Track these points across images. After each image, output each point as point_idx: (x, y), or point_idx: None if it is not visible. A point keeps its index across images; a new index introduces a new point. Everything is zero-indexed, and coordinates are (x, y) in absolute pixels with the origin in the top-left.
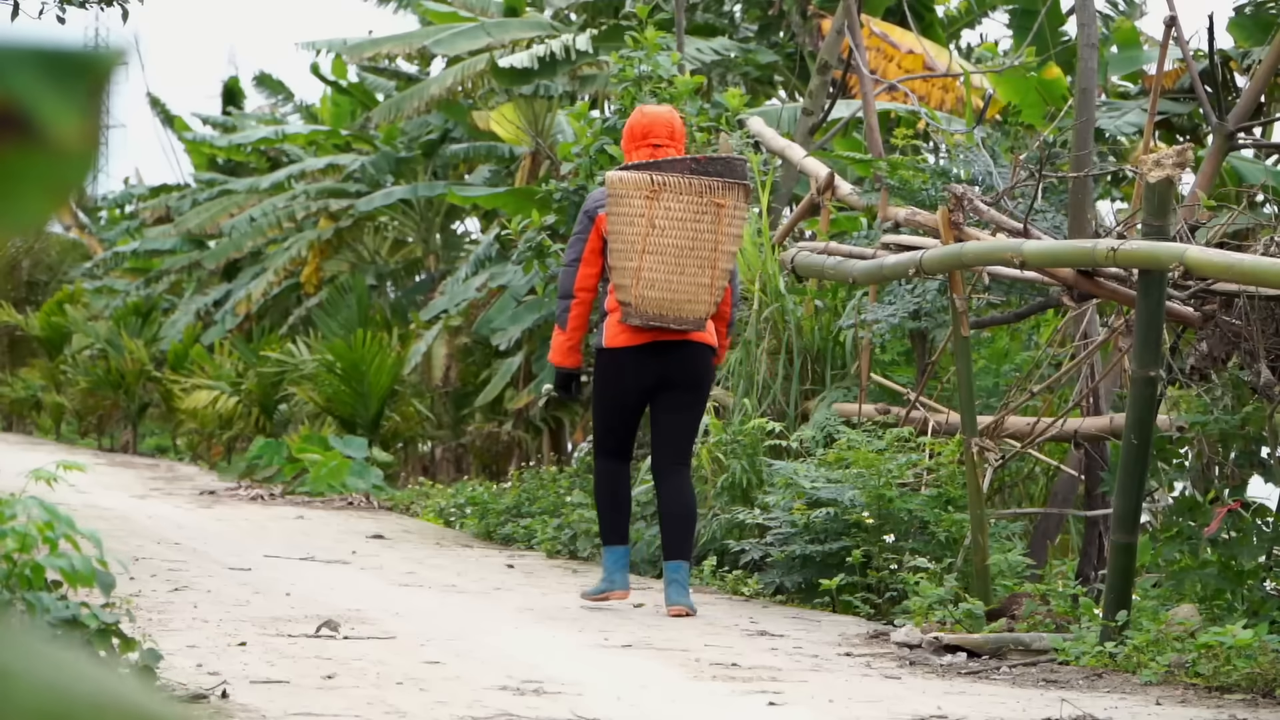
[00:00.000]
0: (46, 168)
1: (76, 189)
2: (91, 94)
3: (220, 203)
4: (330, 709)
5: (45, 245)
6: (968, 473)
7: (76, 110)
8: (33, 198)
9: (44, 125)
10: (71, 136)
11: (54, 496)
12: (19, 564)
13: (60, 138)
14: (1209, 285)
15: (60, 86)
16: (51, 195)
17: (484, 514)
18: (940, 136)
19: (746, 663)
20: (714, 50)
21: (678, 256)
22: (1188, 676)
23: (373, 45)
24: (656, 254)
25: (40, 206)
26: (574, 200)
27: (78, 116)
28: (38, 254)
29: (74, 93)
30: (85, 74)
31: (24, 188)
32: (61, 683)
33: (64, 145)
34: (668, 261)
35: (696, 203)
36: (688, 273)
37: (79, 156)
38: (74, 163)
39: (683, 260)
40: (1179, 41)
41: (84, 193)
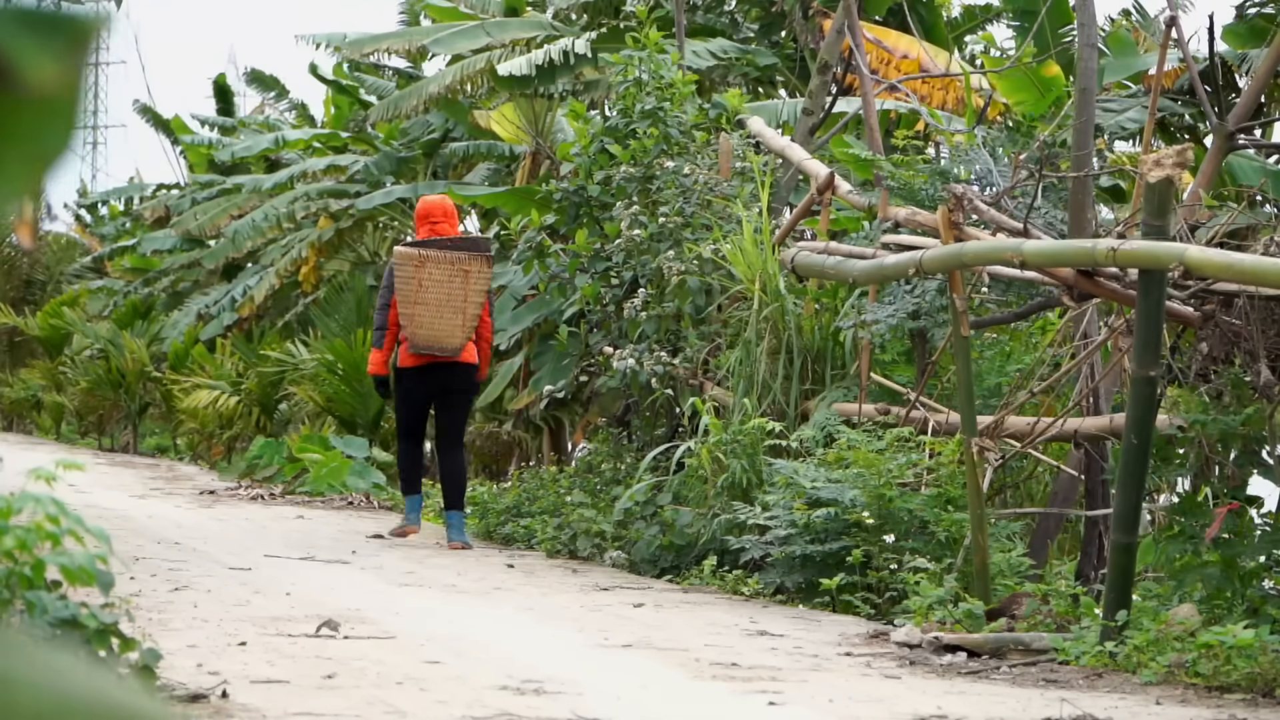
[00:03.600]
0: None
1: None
2: (72, 47)
3: (220, 203)
4: (330, 709)
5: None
6: (968, 473)
7: (55, 59)
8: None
9: (19, 70)
10: (48, 82)
11: (53, 496)
12: (20, 563)
13: (38, 84)
14: (1209, 285)
15: (39, 39)
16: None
17: (484, 514)
18: (941, 136)
19: (746, 663)
20: (714, 51)
21: (439, 306)
22: (1188, 676)
23: (373, 41)
24: (424, 305)
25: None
26: (574, 200)
27: (54, 63)
28: (37, 254)
29: (52, 43)
30: (65, 28)
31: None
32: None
33: (41, 91)
34: (431, 310)
35: (450, 270)
36: (445, 317)
37: (59, 111)
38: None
39: (442, 309)
40: (1179, 42)
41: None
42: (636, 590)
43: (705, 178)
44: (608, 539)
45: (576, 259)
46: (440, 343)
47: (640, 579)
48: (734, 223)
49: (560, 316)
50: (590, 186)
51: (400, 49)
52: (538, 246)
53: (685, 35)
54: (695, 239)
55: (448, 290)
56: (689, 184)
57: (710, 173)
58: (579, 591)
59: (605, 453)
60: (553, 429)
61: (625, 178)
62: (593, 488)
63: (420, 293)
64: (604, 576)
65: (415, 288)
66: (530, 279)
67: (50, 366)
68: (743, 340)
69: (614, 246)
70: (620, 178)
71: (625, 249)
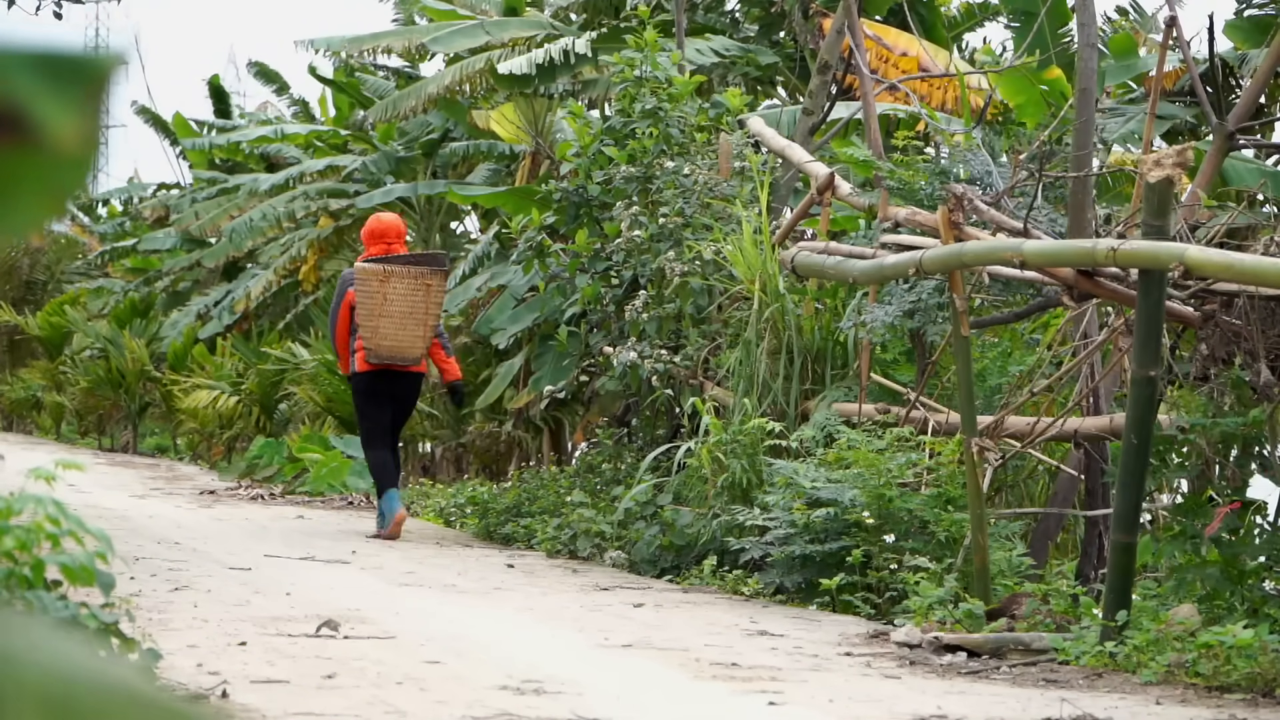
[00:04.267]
0: (44, 170)
1: (74, 192)
2: (90, 96)
3: (219, 203)
4: (330, 709)
5: (44, 245)
6: (968, 472)
7: (74, 112)
8: (30, 200)
9: (41, 126)
10: (69, 138)
11: (53, 496)
12: (19, 563)
13: (58, 139)
14: (1209, 285)
15: (58, 88)
16: (49, 198)
17: (484, 514)
18: (940, 137)
19: (746, 662)
20: (714, 50)
21: (402, 318)
22: (1188, 676)
23: (372, 39)
24: (388, 317)
25: (38, 209)
26: (574, 200)
27: (75, 118)
28: (37, 254)
29: (72, 95)
30: (84, 76)
31: (22, 190)
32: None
33: (62, 147)
34: (395, 322)
35: (413, 284)
36: (408, 329)
37: (77, 159)
38: (72, 166)
39: (405, 321)
40: (1179, 43)
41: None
42: (636, 590)
43: (705, 178)
44: (608, 539)
45: (576, 259)
46: (403, 353)
47: (640, 579)
48: (734, 223)
49: (560, 316)
50: (590, 186)
51: (399, 48)
52: (538, 246)
53: (685, 35)
54: (695, 239)
55: (410, 303)
56: (689, 184)
57: (710, 173)
58: (579, 591)
59: (605, 453)
60: (553, 429)
61: (625, 178)
62: (593, 488)
63: (385, 306)
64: (604, 576)
65: (380, 301)
66: (530, 279)
67: (50, 366)
68: (743, 340)
69: (614, 246)
70: (620, 178)
71: (625, 249)
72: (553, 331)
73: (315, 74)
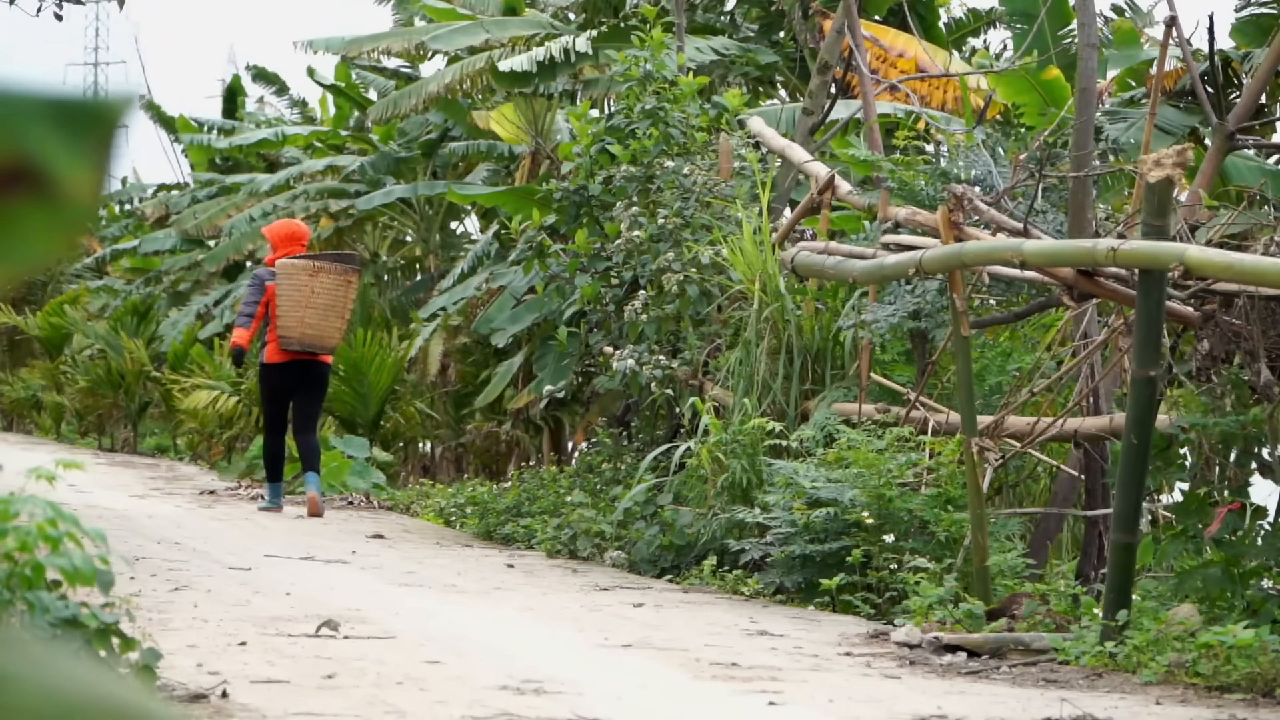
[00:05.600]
0: (53, 218)
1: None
2: (100, 145)
3: (219, 203)
4: (330, 709)
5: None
6: (968, 473)
7: (85, 163)
8: (38, 244)
9: (55, 180)
10: (80, 189)
11: (53, 496)
12: (20, 564)
13: (69, 190)
14: (1209, 285)
15: (70, 140)
16: (57, 242)
17: (484, 514)
18: (941, 137)
19: (746, 662)
20: (714, 50)
21: (325, 310)
22: (1188, 676)
23: (372, 40)
24: (313, 308)
25: (44, 252)
26: (574, 200)
27: (88, 170)
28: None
29: (83, 145)
30: (94, 125)
31: (31, 236)
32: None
33: (72, 197)
34: (319, 313)
35: (338, 279)
36: (329, 320)
37: (85, 207)
38: (80, 213)
39: (327, 312)
40: (1179, 42)
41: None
42: (636, 590)
43: (705, 178)
44: (608, 539)
45: (576, 259)
46: (322, 342)
47: (640, 579)
48: (734, 223)
49: (560, 317)
50: (592, 186)
51: (399, 48)
52: (538, 246)
53: (685, 34)
54: (695, 239)
55: (334, 296)
56: (689, 184)
57: (710, 173)
58: (579, 591)
59: (605, 453)
60: (553, 429)
61: (625, 178)
62: (593, 488)
63: (312, 298)
64: (604, 576)
65: (308, 294)
66: (530, 279)
67: (50, 366)
68: (743, 340)
69: (614, 247)
70: (620, 178)
71: (625, 249)
72: (552, 331)
73: (314, 77)
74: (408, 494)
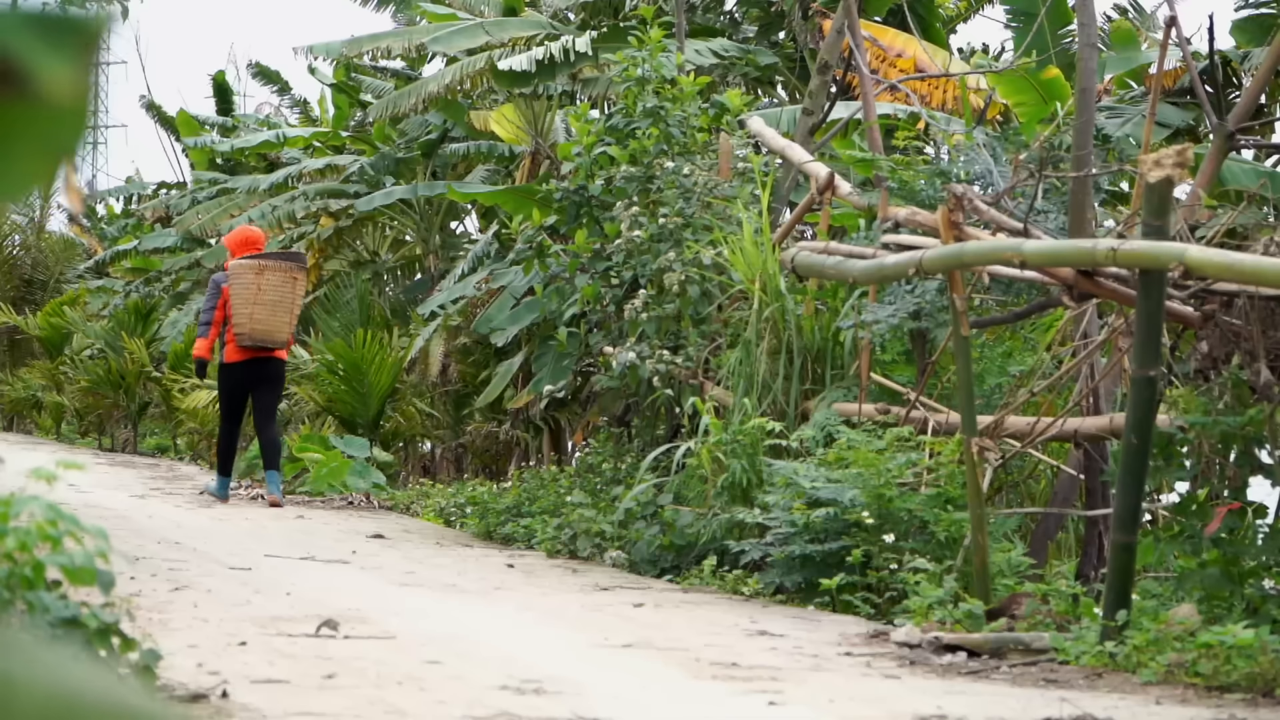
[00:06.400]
0: (40, 123)
1: (71, 148)
2: (82, 50)
3: (220, 202)
4: (330, 709)
5: (44, 245)
6: (968, 473)
7: (68, 64)
8: (27, 155)
9: (36, 78)
10: (63, 89)
11: (54, 496)
12: (20, 563)
13: (52, 90)
14: (1209, 285)
15: (52, 43)
16: (46, 153)
17: (484, 514)
18: (940, 137)
19: (746, 662)
20: (713, 52)
21: (273, 306)
22: (1188, 676)
23: (371, 40)
24: (261, 305)
25: (35, 165)
26: (574, 200)
27: (69, 69)
28: (37, 255)
29: (65, 48)
30: (75, 33)
31: (18, 144)
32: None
33: (56, 98)
34: (267, 309)
35: (284, 276)
36: (278, 315)
37: (72, 111)
38: (67, 118)
39: (275, 308)
40: (1179, 42)
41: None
42: (636, 590)
43: (705, 178)
44: (608, 539)
45: (576, 259)
46: (272, 336)
47: (640, 579)
48: (734, 223)
49: (560, 317)
50: (592, 186)
51: (399, 48)
52: (538, 246)
53: (685, 35)
54: (695, 239)
55: (280, 293)
56: (689, 184)
57: (710, 173)
58: (579, 591)
59: (605, 453)
60: (553, 429)
61: (625, 178)
62: (593, 488)
63: (259, 295)
64: (604, 576)
65: (255, 291)
66: (530, 279)
67: (50, 366)
68: (743, 340)
69: (614, 247)
70: (620, 178)
71: (625, 249)
72: (552, 331)
73: (314, 74)
74: (408, 494)
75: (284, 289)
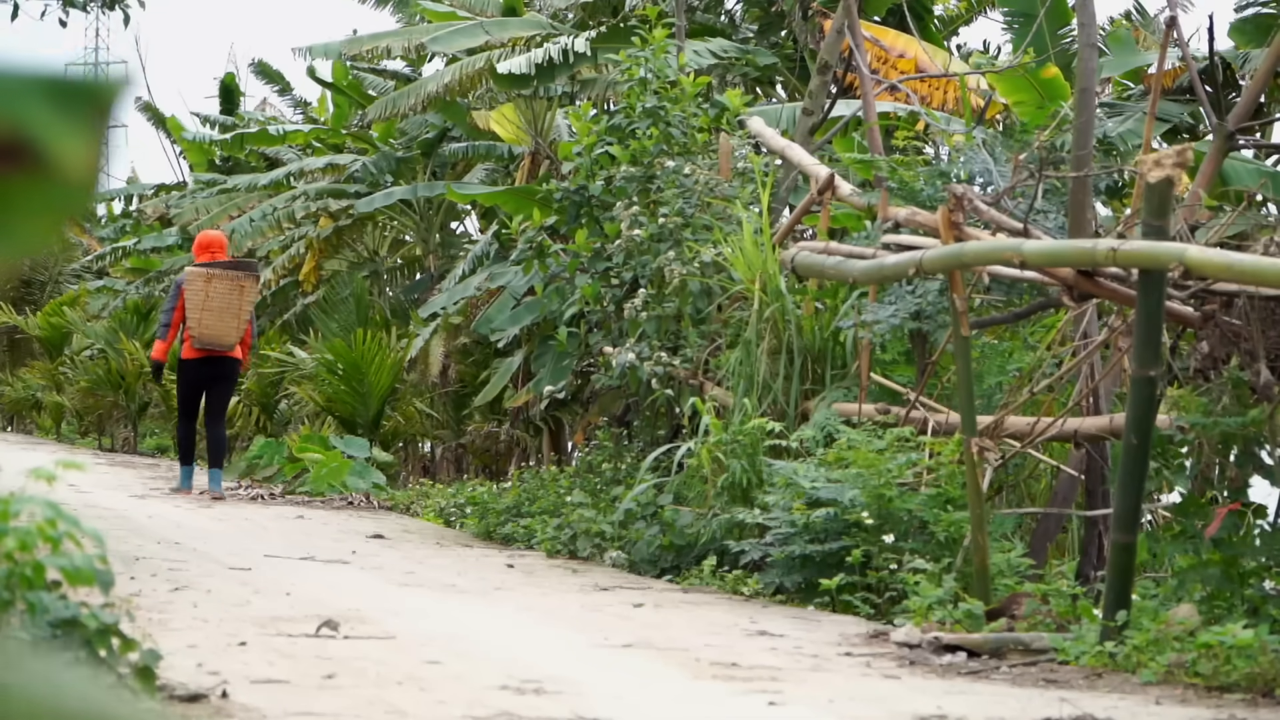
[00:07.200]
0: (49, 196)
1: (77, 216)
2: (95, 123)
3: (219, 201)
4: (330, 709)
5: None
6: (968, 472)
7: (80, 140)
8: (34, 224)
9: (50, 155)
10: (76, 166)
11: (53, 496)
12: (20, 564)
13: (65, 167)
14: (1209, 285)
15: (65, 116)
16: (52, 222)
17: (484, 514)
18: (940, 137)
19: (746, 662)
20: (713, 53)
21: (220, 312)
22: (1188, 676)
23: (371, 40)
24: (210, 310)
25: (41, 232)
26: (574, 200)
27: (83, 146)
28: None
29: (78, 123)
30: (89, 103)
31: (26, 214)
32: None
33: (67, 175)
34: (215, 315)
35: (230, 285)
36: (225, 320)
37: (81, 184)
38: (77, 191)
39: (223, 314)
40: (1179, 43)
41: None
42: (636, 590)
43: (705, 178)
44: (608, 539)
45: (576, 259)
46: (220, 339)
47: (640, 579)
48: (734, 223)
49: (560, 317)
50: (592, 186)
51: (399, 48)
52: (538, 247)
53: (685, 35)
54: (696, 239)
55: (228, 300)
56: (689, 184)
57: (710, 173)
58: (579, 591)
59: (605, 453)
60: (552, 429)
61: (626, 178)
62: (593, 488)
63: (207, 301)
64: (604, 576)
65: (204, 298)
66: (530, 279)
67: (50, 366)
68: (743, 340)
69: (614, 247)
70: (621, 178)
71: (625, 249)
72: (552, 331)
73: (314, 75)
74: (408, 494)
75: (231, 296)
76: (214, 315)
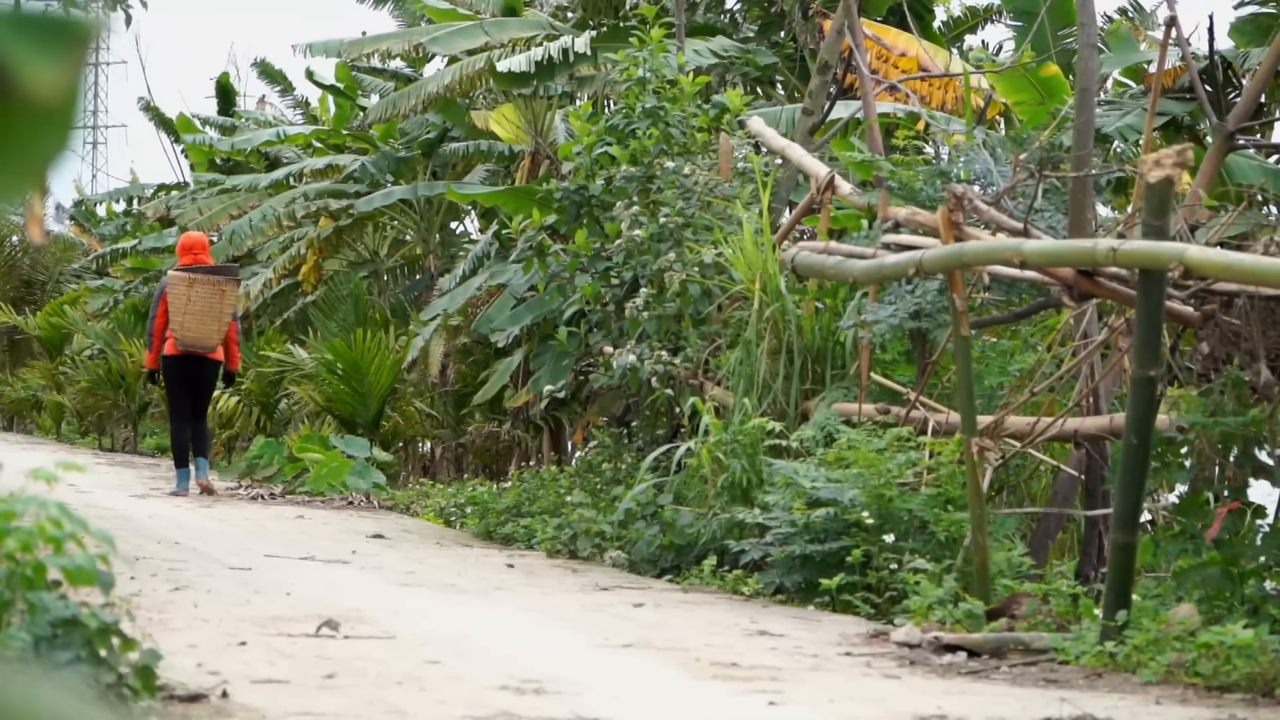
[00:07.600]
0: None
1: (58, 154)
2: (70, 51)
3: (220, 201)
4: (330, 709)
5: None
6: (968, 473)
7: (52, 64)
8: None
9: (17, 76)
10: (48, 90)
11: (54, 496)
12: (21, 564)
13: (35, 90)
14: (1209, 285)
15: (38, 43)
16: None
17: (484, 514)
18: (940, 137)
19: (746, 662)
20: (713, 53)
21: (202, 315)
22: (1188, 676)
23: (372, 42)
24: (191, 314)
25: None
26: (574, 200)
27: (53, 70)
28: (37, 255)
29: (52, 49)
30: (65, 33)
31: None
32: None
33: (39, 99)
34: (196, 318)
35: (211, 289)
36: (206, 323)
37: (58, 113)
38: (53, 121)
39: (204, 317)
40: (1179, 42)
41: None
42: (636, 590)
43: (705, 178)
44: (608, 539)
45: (576, 259)
46: (202, 342)
47: (640, 579)
48: (734, 223)
49: (560, 316)
50: (592, 186)
51: (399, 49)
52: (538, 246)
53: (685, 35)
54: (696, 239)
55: (209, 304)
56: (689, 184)
57: (710, 173)
58: (579, 591)
59: (605, 453)
60: (552, 429)
61: (626, 178)
62: (593, 488)
63: (189, 305)
64: (604, 576)
65: (185, 302)
66: (530, 278)
67: (50, 366)
68: (743, 340)
69: (614, 247)
70: (621, 177)
71: (625, 249)
72: (552, 331)
73: (313, 78)
74: (408, 494)
75: (212, 300)
76: (195, 319)
